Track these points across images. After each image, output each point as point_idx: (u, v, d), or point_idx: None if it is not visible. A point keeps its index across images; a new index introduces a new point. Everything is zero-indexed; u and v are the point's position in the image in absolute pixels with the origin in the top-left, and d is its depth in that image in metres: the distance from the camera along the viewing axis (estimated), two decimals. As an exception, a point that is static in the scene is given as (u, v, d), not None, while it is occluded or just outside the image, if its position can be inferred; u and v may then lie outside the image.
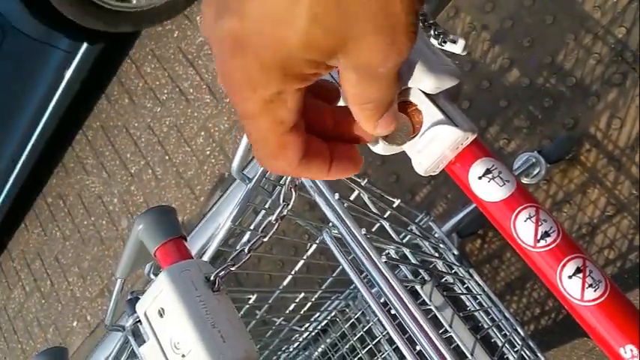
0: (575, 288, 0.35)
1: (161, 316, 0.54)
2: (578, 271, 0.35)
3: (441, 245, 1.15)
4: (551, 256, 0.36)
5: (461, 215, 1.36)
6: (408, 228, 1.02)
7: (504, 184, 0.38)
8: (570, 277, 0.35)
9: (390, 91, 0.34)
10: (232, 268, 0.55)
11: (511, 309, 1.57)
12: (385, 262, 0.53)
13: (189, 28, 2.41)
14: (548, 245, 0.36)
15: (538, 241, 0.36)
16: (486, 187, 0.38)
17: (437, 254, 1.05)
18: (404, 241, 1.13)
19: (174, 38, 2.45)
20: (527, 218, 0.37)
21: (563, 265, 0.36)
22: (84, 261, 2.67)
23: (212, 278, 0.54)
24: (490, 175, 0.38)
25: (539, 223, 0.36)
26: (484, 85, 1.64)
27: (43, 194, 2.89)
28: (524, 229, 0.37)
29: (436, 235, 1.19)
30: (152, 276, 0.74)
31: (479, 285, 1.14)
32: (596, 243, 1.46)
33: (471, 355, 0.74)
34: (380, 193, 0.89)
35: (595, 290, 0.35)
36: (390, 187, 1.78)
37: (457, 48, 0.63)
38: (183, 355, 0.52)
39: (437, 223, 1.22)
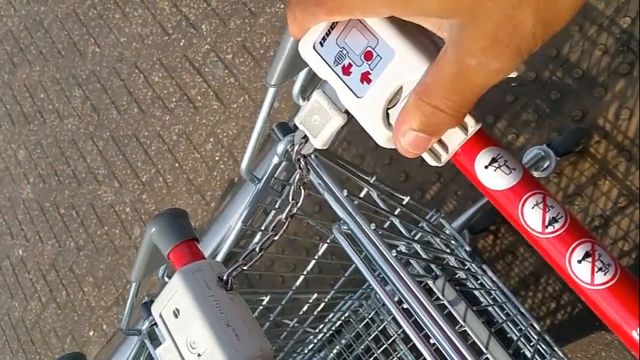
0: (585, 272, 0.35)
1: (176, 316, 0.54)
2: (587, 255, 0.36)
3: (453, 242, 1.15)
4: (559, 242, 0.36)
5: (471, 211, 1.36)
6: (419, 225, 1.03)
7: (511, 172, 0.38)
8: (580, 261, 0.36)
9: (465, 102, 0.34)
10: (244, 268, 0.56)
11: (526, 304, 1.57)
12: (396, 256, 0.53)
13: (194, 37, 2.43)
14: (557, 231, 0.36)
15: (546, 227, 0.36)
16: (493, 176, 0.38)
17: (448, 250, 1.06)
18: (415, 238, 1.13)
19: (181, 47, 2.47)
20: (534, 205, 0.37)
21: (572, 250, 0.36)
22: (98, 270, 2.69)
23: (225, 278, 0.55)
24: (496, 164, 0.38)
25: (547, 210, 0.37)
26: (490, 81, 1.64)
27: (56, 205, 2.91)
28: (532, 215, 0.37)
29: (447, 232, 1.19)
30: (166, 279, 0.75)
31: (492, 281, 1.14)
32: (609, 235, 1.46)
33: (486, 348, 0.74)
34: (389, 190, 0.89)
35: (605, 274, 0.35)
36: (399, 185, 1.78)
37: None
38: (199, 355, 0.52)
39: (447, 220, 1.22)
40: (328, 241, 0.95)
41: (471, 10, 0.30)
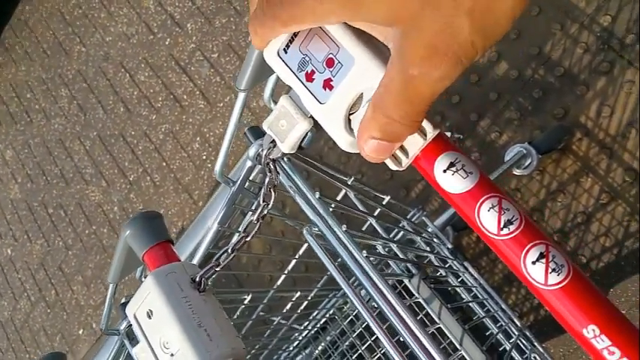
0: (539, 273, 0.36)
1: (149, 317, 0.55)
2: (541, 256, 0.36)
3: (435, 240, 1.16)
4: (514, 244, 0.37)
5: (453, 209, 1.37)
6: (400, 225, 1.03)
7: (467, 175, 0.39)
8: (534, 262, 0.36)
9: (417, 111, 0.35)
10: (217, 269, 0.56)
11: (510, 301, 1.58)
12: (366, 257, 0.54)
13: (180, 36, 2.43)
14: (512, 233, 0.37)
15: (502, 229, 0.37)
16: (451, 180, 0.39)
17: (429, 249, 1.06)
18: (397, 237, 1.14)
19: (166, 46, 2.47)
20: (490, 208, 0.38)
21: (527, 252, 0.37)
22: (87, 269, 2.69)
23: (197, 279, 0.56)
24: (454, 169, 0.39)
25: (502, 212, 0.37)
26: (473, 79, 1.65)
27: (44, 205, 2.91)
28: (487, 218, 0.38)
29: (429, 230, 1.20)
30: (143, 279, 0.75)
31: (474, 278, 1.15)
32: (591, 231, 1.47)
33: (460, 345, 0.75)
34: (369, 190, 0.90)
35: (558, 274, 0.36)
36: (384, 183, 1.79)
37: None
38: (172, 355, 0.53)
39: (430, 218, 1.22)
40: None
41: (412, 18, 0.31)
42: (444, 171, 0.39)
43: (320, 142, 1.90)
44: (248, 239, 0.56)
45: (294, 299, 1.18)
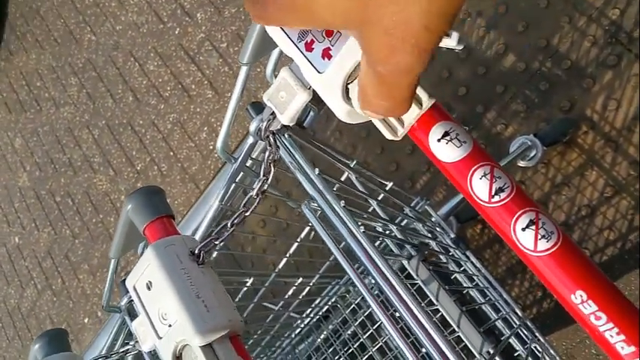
0: (529, 240, 0.37)
1: (149, 289, 0.56)
2: (531, 223, 0.37)
3: (438, 229, 1.16)
4: (505, 211, 0.38)
5: (457, 199, 1.37)
6: (404, 212, 1.04)
7: (461, 144, 0.39)
8: (524, 229, 0.37)
9: (400, 100, 0.35)
10: (216, 242, 0.57)
11: (513, 293, 1.58)
12: (364, 232, 0.55)
13: (189, 25, 2.43)
14: (502, 200, 0.38)
15: (493, 196, 0.38)
16: (445, 149, 0.40)
17: (431, 236, 1.07)
18: (399, 223, 1.14)
19: (176, 35, 2.48)
20: (482, 176, 0.38)
21: (517, 219, 0.37)
22: (93, 258, 2.70)
23: (196, 252, 0.56)
24: (448, 137, 0.40)
25: (494, 180, 0.38)
26: (480, 71, 1.65)
27: (52, 193, 2.93)
28: (479, 186, 0.38)
29: (433, 219, 1.20)
30: (145, 256, 0.76)
31: (476, 267, 1.16)
32: (595, 224, 1.47)
33: (458, 327, 0.76)
34: (371, 175, 0.90)
35: (547, 241, 0.37)
36: (390, 175, 1.79)
37: (452, 42, 0.64)
38: (169, 325, 0.54)
39: (434, 209, 1.23)
40: (310, 225, 0.97)
41: (361, 20, 0.31)
42: (439, 140, 0.40)
43: (326, 132, 1.91)
44: (247, 214, 0.57)
45: (296, 284, 1.19)
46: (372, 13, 0.30)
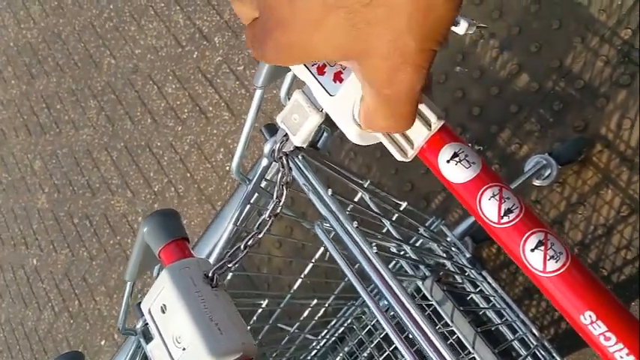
0: (538, 260, 0.37)
1: (163, 312, 0.56)
2: (540, 244, 0.37)
3: (453, 249, 1.16)
4: (514, 232, 0.38)
5: (473, 219, 1.37)
6: (419, 232, 1.04)
7: (470, 165, 0.40)
8: (532, 250, 0.37)
9: (405, 117, 0.36)
10: (229, 265, 0.58)
11: (530, 314, 1.57)
12: (376, 253, 0.55)
13: (207, 49, 2.47)
14: (511, 221, 0.38)
15: (502, 217, 0.38)
16: (454, 170, 0.40)
17: (446, 256, 1.07)
18: (414, 243, 1.14)
19: (194, 59, 2.51)
20: (491, 196, 0.39)
21: (526, 240, 0.37)
22: (110, 280, 2.72)
23: (210, 275, 0.57)
24: (457, 159, 0.40)
25: (503, 201, 0.38)
26: (494, 92, 1.65)
27: (70, 215, 2.96)
28: (488, 206, 0.39)
29: (448, 239, 1.20)
30: (160, 278, 0.77)
31: (492, 288, 1.15)
32: (612, 243, 1.46)
33: (473, 348, 0.75)
34: (385, 194, 0.91)
35: (556, 262, 0.37)
36: (405, 195, 1.79)
37: (460, 29, 0.66)
38: (184, 349, 0.54)
39: (449, 228, 1.23)
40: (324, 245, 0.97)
41: (359, 52, 0.33)
42: (448, 161, 0.41)
43: (341, 153, 1.92)
44: (260, 236, 0.57)
45: (312, 305, 1.19)
46: (368, 44, 0.32)
